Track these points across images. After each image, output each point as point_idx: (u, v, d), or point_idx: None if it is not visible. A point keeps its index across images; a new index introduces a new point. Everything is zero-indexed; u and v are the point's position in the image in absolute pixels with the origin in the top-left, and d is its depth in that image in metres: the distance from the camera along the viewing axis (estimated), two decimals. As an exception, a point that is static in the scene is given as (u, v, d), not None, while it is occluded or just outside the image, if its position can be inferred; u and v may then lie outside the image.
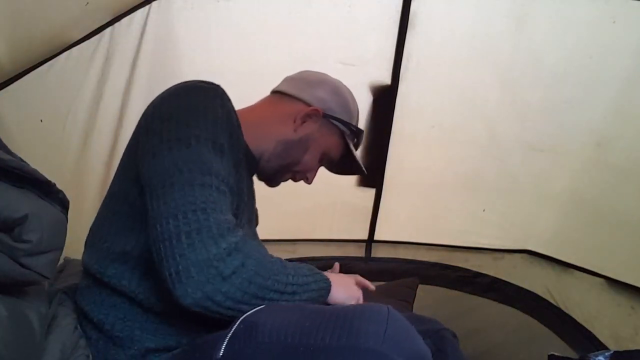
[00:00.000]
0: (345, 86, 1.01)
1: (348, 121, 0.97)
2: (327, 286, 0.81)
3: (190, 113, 0.75)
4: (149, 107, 0.81)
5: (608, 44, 1.42)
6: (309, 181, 0.99)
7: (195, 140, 0.72)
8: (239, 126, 0.83)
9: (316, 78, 0.99)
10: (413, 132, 1.70)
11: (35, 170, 0.67)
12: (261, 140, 0.91)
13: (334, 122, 0.96)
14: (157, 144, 0.72)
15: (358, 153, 1.04)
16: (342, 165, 1.04)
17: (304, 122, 0.93)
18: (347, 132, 0.97)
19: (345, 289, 0.86)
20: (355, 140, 1.01)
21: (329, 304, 0.83)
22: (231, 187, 0.74)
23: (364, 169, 1.01)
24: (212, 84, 0.82)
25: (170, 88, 0.82)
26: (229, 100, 0.82)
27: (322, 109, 0.93)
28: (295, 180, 1.00)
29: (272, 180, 0.98)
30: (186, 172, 0.69)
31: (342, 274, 0.91)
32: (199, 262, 0.64)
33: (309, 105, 0.94)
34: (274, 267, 0.72)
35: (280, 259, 0.76)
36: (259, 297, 0.68)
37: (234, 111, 0.82)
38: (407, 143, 1.72)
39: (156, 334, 0.77)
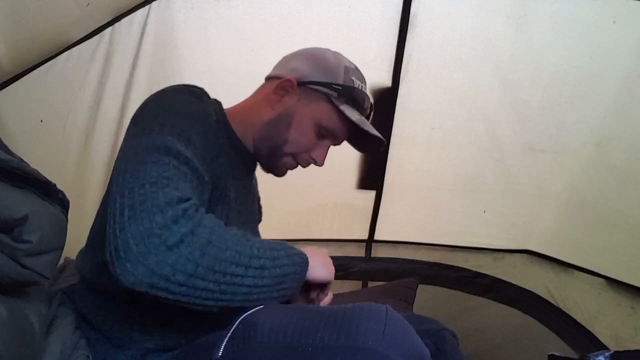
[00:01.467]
0: (327, 49, 0.92)
1: (329, 81, 0.86)
2: (302, 261, 0.73)
3: (162, 109, 0.73)
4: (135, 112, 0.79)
5: (608, 44, 1.42)
6: (317, 162, 0.89)
7: (159, 128, 0.69)
8: (221, 129, 0.81)
9: (293, 52, 0.94)
10: (413, 134, 1.70)
11: (36, 171, 0.67)
12: (249, 130, 0.88)
13: (313, 87, 0.86)
14: (125, 141, 0.71)
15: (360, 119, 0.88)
16: (356, 137, 0.92)
17: (282, 97, 0.87)
18: (333, 93, 0.86)
19: (323, 265, 0.79)
20: (350, 100, 0.87)
21: (308, 282, 0.77)
22: (200, 174, 0.69)
23: (377, 134, 0.88)
24: (195, 87, 0.81)
25: (154, 93, 0.79)
26: (210, 103, 0.81)
27: (295, 77, 0.86)
28: (302, 164, 0.91)
29: (272, 168, 0.92)
30: (142, 153, 0.65)
31: (314, 248, 0.82)
32: (140, 233, 0.57)
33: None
34: (234, 238, 0.64)
35: (244, 232, 0.68)
36: (217, 271, 0.60)
37: (217, 113, 0.81)
38: (407, 145, 1.72)
39: (155, 334, 0.76)
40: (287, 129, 0.86)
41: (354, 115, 0.86)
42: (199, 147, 0.71)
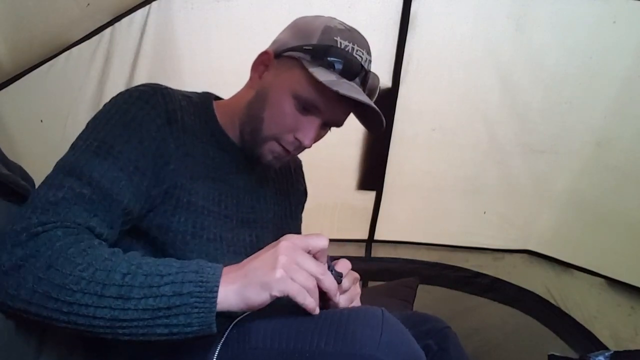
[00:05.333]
0: (322, 15, 0.80)
1: (301, 44, 0.75)
2: (201, 290, 0.54)
3: (96, 120, 0.70)
4: None
5: (608, 44, 1.42)
6: (302, 142, 0.76)
7: (82, 142, 0.67)
8: (174, 131, 0.73)
9: None
10: (414, 134, 1.70)
11: (28, 186, 0.67)
12: (236, 119, 0.81)
13: (287, 54, 0.76)
14: None
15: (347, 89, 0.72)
16: (345, 107, 0.78)
17: (261, 74, 0.79)
18: (306, 56, 0.73)
19: (246, 290, 0.56)
20: (326, 61, 0.72)
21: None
22: (106, 192, 0.64)
23: (358, 97, 0.71)
24: (149, 85, 0.75)
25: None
26: (163, 103, 0.73)
27: (273, 49, 0.78)
28: (287, 148, 0.77)
29: (258, 157, 0.80)
30: (52, 172, 0.65)
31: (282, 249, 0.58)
32: None
33: None
34: (93, 261, 0.55)
35: (132, 254, 0.59)
36: (56, 298, 0.53)
37: (169, 112, 0.73)
38: (407, 146, 1.72)
39: (133, 342, 0.74)
40: (263, 107, 0.76)
41: (325, 76, 0.71)
42: (129, 158, 0.67)
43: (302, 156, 1.08)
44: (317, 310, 0.59)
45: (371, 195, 1.86)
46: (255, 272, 0.57)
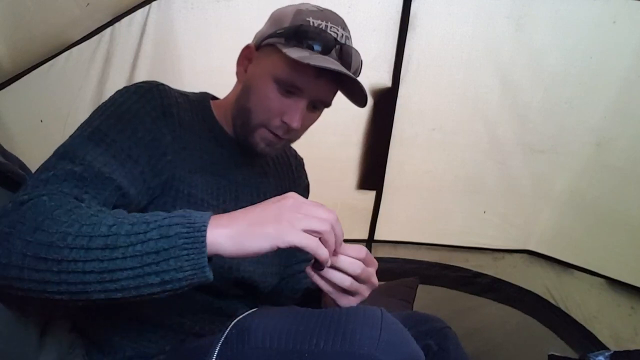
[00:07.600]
0: (291, 4, 0.81)
1: (275, 30, 0.77)
2: (188, 230, 0.53)
3: (95, 113, 0.73)
4: None
5: (608, 44, 1.42)
6: (290, 125, 0.76)
7: (78, 132, 0.70)
8: (170, 124, 0.75)
9: None
10: (414, 134, 1.70)
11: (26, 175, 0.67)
12: (229, 115, 0.84)
13: (264, 43, 0.78)
14: None
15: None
16: (327, 82, 0.77)
17: (246, 68, 0.82)
18: (280, 40, 0.76)
19: (248, 228, 0.55)
20: (298, 41, 0.74)
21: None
22: (99, 171, 0.64)
23: (331, 67, 0.71)
24: (146, 82, 0.77)
25: None
26: (158, 97, 0.75)
27: (254, 42, 0.81)
28: (277, 133, 0.79)
29: (251, 147, 0.81)
30: (48, 158, 0.67)
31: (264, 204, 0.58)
32: None
33: None
34: (79, 218, 0.55)
35: (118, 211, 0.59)
36: (46, 258, 0.53)
37: (165, 107, 0.75)
38: (407, 146, 1.72)
39: (137, 340, 0.74)
40: (249, 97, 0.79)
41: (298, 53, 0.72)
42: (121, 146, 0.68)
43: (303, 156, 1.08)
44: (329, 263, 0.60)
45: (371, 195, 1.86)
46: (254, 222, 0.55)
